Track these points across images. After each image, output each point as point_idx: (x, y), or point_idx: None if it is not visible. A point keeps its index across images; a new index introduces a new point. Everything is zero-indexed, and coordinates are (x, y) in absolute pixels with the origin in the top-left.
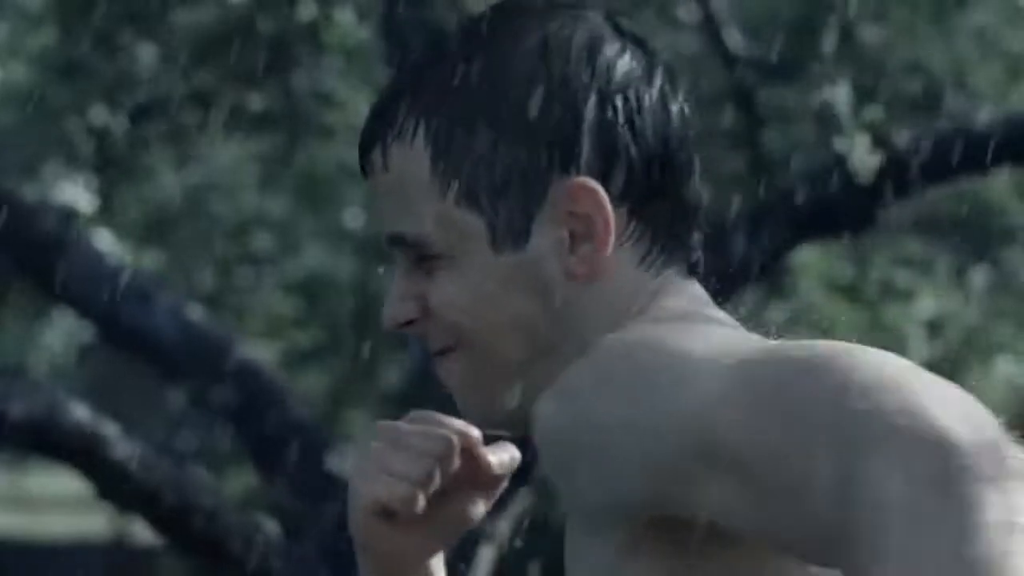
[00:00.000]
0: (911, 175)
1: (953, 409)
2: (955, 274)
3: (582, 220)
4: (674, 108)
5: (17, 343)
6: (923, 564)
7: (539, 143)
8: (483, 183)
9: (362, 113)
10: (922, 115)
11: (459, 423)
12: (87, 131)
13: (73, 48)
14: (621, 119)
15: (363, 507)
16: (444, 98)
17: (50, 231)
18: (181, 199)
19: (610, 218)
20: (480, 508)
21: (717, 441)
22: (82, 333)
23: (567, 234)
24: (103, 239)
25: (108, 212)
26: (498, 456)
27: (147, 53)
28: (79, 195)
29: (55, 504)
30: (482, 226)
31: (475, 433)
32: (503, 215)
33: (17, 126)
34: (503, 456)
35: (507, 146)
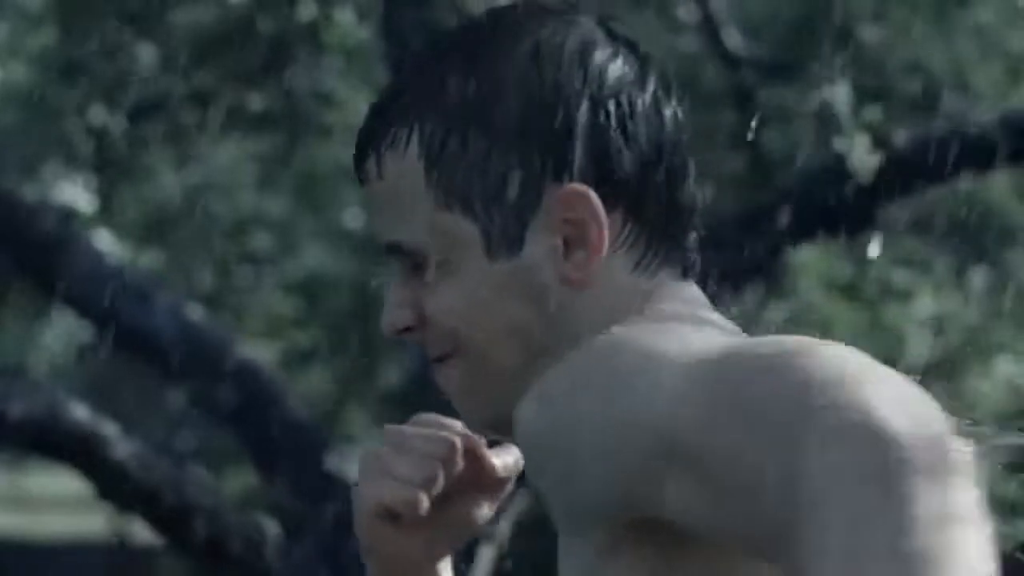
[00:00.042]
0: (911, 175)
1: (900, 405)
2: (955, 274)
3: (576, 226)
4: (667, 112)
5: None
6: (859, 561)
7: (532, 150)
8: (477, 191)
9: (361, 113)
10: (922, 115)
11: (462, 426)
12: (87, 131)
13: (73, 48)
14: (614, 124)
15: (367, 510)
16: (437, 106)
17: (50, 231)
18: (181, 199)
19: (604, 224)
20: (485, 511)
21: (677, 440)
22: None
23: (561, 240)
24: (103, 239)
25: (108, 212)
26: (502, 459)
27: (147, 53)
28: (79, 195)
29: (55, 504)
30: (476, 233)
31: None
32: (497, 222)
33: (17, 126)
34: (507, 458)
35: (500, 153)
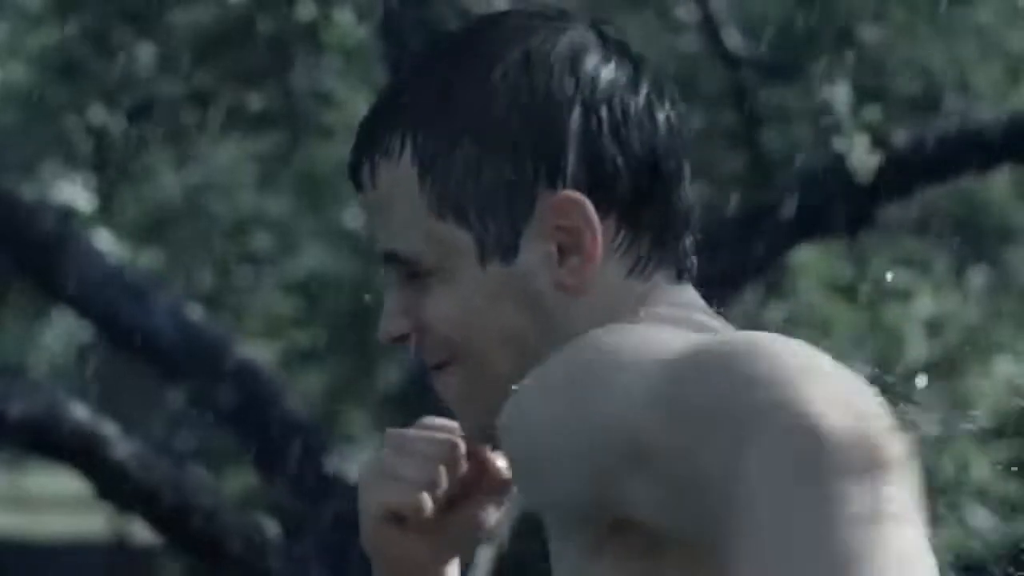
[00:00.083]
0: (910, 175)
1: (838, 404)
2: (954, 274)
3: (570, 233)
4: (661, 116)
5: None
6: (786, 562)
7: (524, 157)
8: (470, 199)
9: (361, 113)
10: (921, 115)
11: None
12: (86, 130)
13: (72, 48)
14: (606, 130)
15: (371, 513)
16: (429, 115)
17: (49, 231)
18: (180, 199)
19: (597, 230)
20: (491, 514)
21: (639, 441)
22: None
23: (555, 247)
24: (102, 238)
25: (107, 211)
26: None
27: (146, 53)
28: (78, 194)
29: (54, 504)
30: (471, 241)
31: None
32: (491, 230)
33: (16, 125)
34: None
35: (493, 161)
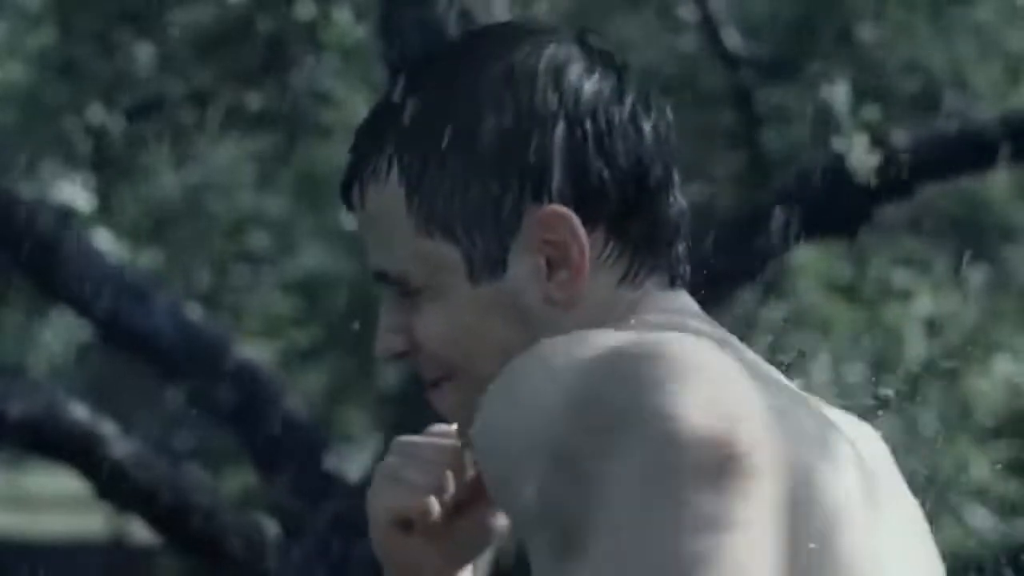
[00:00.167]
0: (910, 175)
1: (700, 411)
2: (954, 273)
3: (557, 247)
4: (646, 125)
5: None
6: (629, 563)
7: (510, 173)
8: (457, 216)
9: (360, 112)
10: (921, 115)
11: None
12: (85, 130)
13: (72, 48)
14: (590, 142)
15: (380, 518)
16: (415, 134)
17: (48, 230)
18: (179, 198)
19: (584, 243)
20: (500, 520)
21: (558, 443)
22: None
23: (543, 261)
24: (101, 238)
25: (106, 211)
26: None
27: (145, 52)
28: (77, 194)
29: (53, 504)
30: (459, 258)
31: None
32: (479, 246)
33: (15, 125)
34: None
35: (479, 178)
